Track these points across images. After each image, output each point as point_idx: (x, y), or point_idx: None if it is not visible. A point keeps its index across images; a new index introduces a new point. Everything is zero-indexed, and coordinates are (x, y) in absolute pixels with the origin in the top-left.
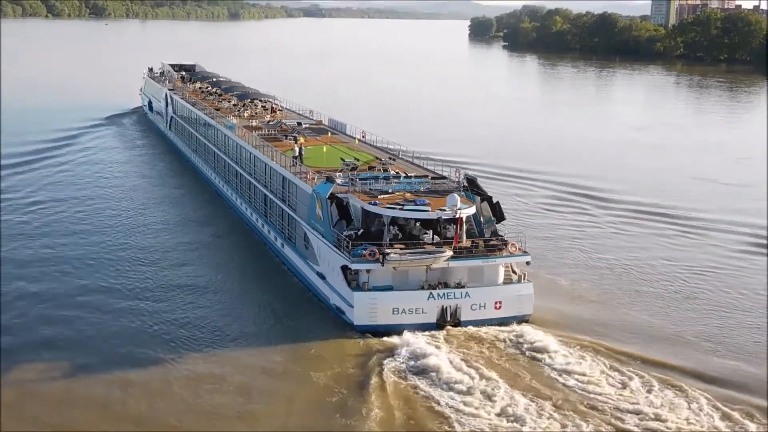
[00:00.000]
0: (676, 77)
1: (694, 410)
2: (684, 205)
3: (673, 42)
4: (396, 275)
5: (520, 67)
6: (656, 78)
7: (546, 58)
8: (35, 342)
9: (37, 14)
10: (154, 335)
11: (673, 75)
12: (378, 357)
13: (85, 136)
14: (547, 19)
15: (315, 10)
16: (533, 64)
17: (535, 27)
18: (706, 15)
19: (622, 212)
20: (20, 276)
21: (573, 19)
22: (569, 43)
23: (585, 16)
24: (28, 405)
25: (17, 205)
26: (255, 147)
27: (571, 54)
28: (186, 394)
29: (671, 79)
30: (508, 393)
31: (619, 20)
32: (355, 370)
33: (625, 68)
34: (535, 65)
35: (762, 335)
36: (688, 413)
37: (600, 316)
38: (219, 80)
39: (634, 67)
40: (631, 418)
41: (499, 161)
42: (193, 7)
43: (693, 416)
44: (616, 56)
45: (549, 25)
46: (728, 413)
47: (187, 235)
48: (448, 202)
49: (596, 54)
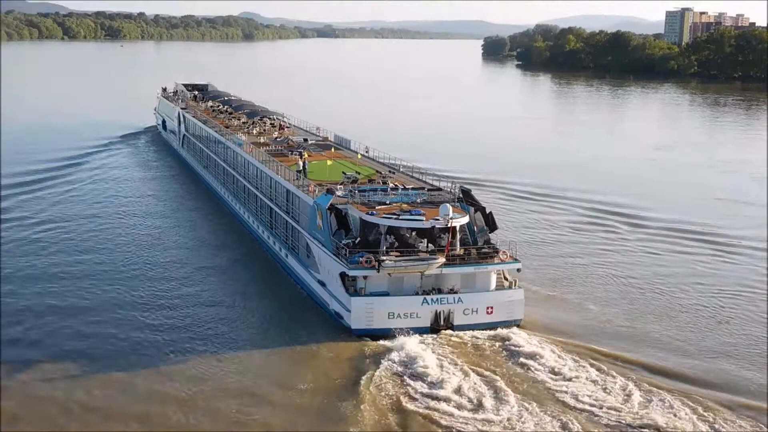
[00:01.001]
0: (690, 95)
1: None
2: (715, 223)
3: (686, 60)
4: (392, 281)
5: (534, 86)
6: (671, 96)
7: (560, 77)
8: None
9: (53, 36)
10: (164, 339)
11: (687, 93)
12: (372, 359)
13: (101, 154)
14: (560, 38)
15: (328, 30)
16: (547, 83)
17: (549, 46)
18: (720, 33)
19: (654, 232)
20: (40, 290)
21: (586, 38)
22: (582, 61)
23: (598, 35)
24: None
25: (39, 219)
26: (261, 162)
27: (584, 73)
28: (194, 393)
29: (686, 98)
30: (493, 394)
31: (633, 39)
32: (349, 370)
33: (640, 87)
34: (550, 84)
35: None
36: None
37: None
38: (230, 99)
39: (649, 86)
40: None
41: (526, 180)
42: (207, 28)
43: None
44: (630, 75)
45: (562, 44)
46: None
47: (198, 249)
48: (440, 212)
49: (610, 72)
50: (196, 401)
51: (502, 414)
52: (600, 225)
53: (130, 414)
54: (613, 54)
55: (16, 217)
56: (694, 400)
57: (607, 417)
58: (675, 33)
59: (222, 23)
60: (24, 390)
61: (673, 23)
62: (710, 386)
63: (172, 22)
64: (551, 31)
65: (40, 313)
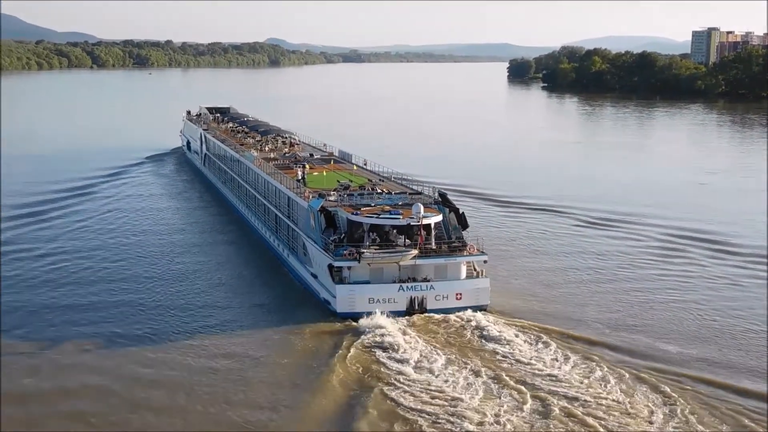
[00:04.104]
0: (718, 115)
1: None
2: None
3: (714, 80)
4: (372, 272)
5: (561, 108)
6: (704, 117)
7: (586, 98)
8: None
9: (82, 65)
10: (181, 323)
11: (716, 113)
12: (350, 335)
13: (130, 173)
14: (586, 60)
15: (354, 55)
16: (574, 105)
17: (574, 67)
18: (748, 52)
19: (745, 259)
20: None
21: (612, 59)
22: (608, 82)
23: (624, 56)
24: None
25: (86, 227)
26: (268, 174)
27: (610, 93)
28: (204, 360)
29: (716, 117)
30: (443, 361)
31: (659, 59)
32: (329, 344)
33: (668, 107)
34: (576, 106)
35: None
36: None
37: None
38: (248, 120)
39: (677, 106)
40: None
41: (588, 205)
42: (234, 55)
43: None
44: (657, 95)
45: (588, 66)
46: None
47: (213, 249)
48: (413, 211)
49: (636, 93)
50: (207, 361)
51: (448, 375)
52: (679, 253)
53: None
54: (639, 75)
55: (75, 220)
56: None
57: (526, 370)
58: (702, 53)
59: (248, 50)
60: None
61: (699, 43)
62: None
63: (199, 50)
64: (576, 53)
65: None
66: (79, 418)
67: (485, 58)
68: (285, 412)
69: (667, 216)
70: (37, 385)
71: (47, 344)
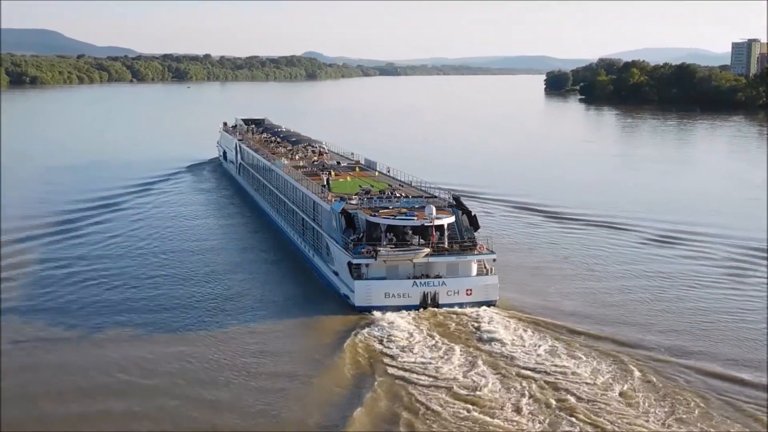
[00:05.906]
0: (760, 127)
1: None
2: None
3: (755, 91)
4: (389, 269)
5: (600, 120)
6: (748, 129)
7: (624, 110)
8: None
9: (122, 79)
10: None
11: (757, 125)
12: (364, 326)
13: (169, 181)
14: (624, 72)
15: (390, 68)
16: (612, 117)
17: (612, 80)
18: None
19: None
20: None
21: (650, 71)
22: (647, 94)
23: (662, 68)
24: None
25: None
26: (296, 180)
27: (649, 106)
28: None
29: (760, 129)
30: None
31: (698, 71)
32: (344, 334)
33: (709, 119)
34: (615, 118)
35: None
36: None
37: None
38: (281, 131)
39: (718, 118)
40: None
41: (651, 217)
42: (271, 68)
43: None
44: (697, 107)
45: (626, 78)
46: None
47: (244, 252)
48: (426, 212)
49: (675, 105)
50: (236, 344)
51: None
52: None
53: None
54: (678, 86)
55: (117, 225)
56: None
57: (530, 363)
58: (742, 64)
59: (286, 63)
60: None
61: (739, 55)
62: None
63: (237, 63)
64: (614, 65)
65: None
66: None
67: (522, 71)
68: (302, 379)
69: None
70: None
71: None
